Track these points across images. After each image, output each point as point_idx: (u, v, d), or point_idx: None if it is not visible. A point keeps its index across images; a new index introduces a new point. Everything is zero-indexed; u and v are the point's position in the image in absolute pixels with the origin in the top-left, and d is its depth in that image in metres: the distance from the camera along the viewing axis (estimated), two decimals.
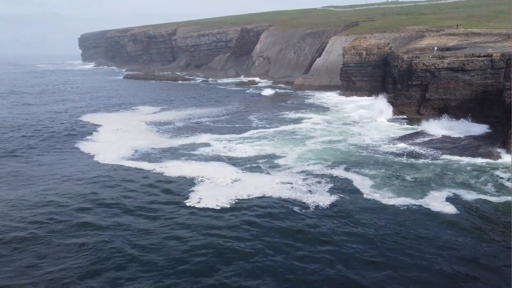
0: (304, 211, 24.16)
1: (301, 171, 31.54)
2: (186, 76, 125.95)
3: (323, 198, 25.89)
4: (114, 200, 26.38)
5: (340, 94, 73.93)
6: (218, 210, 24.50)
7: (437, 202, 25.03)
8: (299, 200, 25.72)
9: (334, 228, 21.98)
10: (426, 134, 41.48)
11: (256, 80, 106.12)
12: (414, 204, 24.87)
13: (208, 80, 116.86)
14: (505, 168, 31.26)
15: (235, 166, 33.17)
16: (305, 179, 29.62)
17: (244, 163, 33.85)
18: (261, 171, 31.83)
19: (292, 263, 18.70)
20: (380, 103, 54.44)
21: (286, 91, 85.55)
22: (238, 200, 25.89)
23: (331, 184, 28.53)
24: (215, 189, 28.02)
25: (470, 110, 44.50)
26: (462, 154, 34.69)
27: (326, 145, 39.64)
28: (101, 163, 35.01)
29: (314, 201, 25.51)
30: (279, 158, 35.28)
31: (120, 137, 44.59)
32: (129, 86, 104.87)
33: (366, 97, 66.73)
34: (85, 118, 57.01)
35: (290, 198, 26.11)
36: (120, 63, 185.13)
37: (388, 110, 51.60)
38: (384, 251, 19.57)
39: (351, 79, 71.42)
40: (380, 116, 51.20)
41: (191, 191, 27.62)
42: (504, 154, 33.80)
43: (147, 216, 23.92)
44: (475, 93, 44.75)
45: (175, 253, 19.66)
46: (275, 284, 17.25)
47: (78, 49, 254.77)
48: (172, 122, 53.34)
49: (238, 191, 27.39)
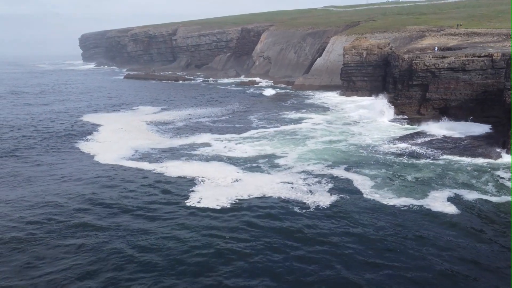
0: (304, 211, 24.11)
1: (301, 171, 31.49)
2: (186, 76, 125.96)
3: (323, 198, 25.85)
4: (113, 200, 26.34)
5: (340, 94, 73.88)
6: (218, 210, 24.46)
7: (437, 203, 24.98)
8: (299, 200, 25.67)
9: (334, 229, 21.93)
10: (427, 134, 41.42)
11: (257, 80, 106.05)
12: (415, 205, 24.82)
13: (209, 80, 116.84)
14: (505, 168, 31.20)
15: (235, 166, 33.14)
16: (305, 179, 29.57)
17: (244, 163, 33.81)
18: (261, 171, 31.79)
19: (291, 263, 18.65)
20: (380, 103, 54.42)
21: (287, 91, 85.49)
22: (238, 200, 25.85)
23: (331, 184, 28.49)
24: (215, 189, 27.98)
25: (471, 110, 44.46)
26: (462, 154, 34.64)
27: (327, 145, 39.60)
28: (101, 163, 34.99)
29: (314, 201, 25.46)
30: (280, 158, 35.25)
31: (120, 137, 44.57)
32: (129, 86, 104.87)
33: (366, 97, 66.65)
34: (85, 118, 57.01)
35: (290, 198, 26.07)
36: (120, 63, 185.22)
37: (388, 110, 51.56)
38: (384, 252, 19.52)
39: (351, 79, 71.36)
40: (380, 116, 51.18)
41: (191, 191, 27.58)
42: (505, 154, 33.77)
43: (147, 217, 23.88)
44: (476, 93, 44.67)
45: (175, 253, 19.62)
46: (274, 285, 17.21)
47: (79, 49, 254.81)
48: (173, 122, 53.32)
49: (238, 191, 27.36)
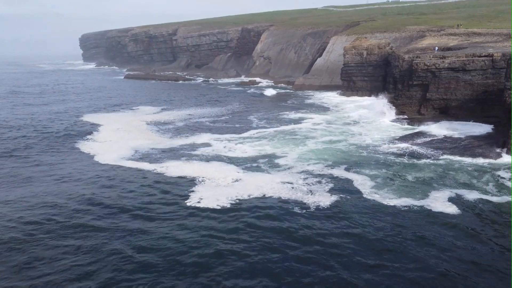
0: (304, 211, 24.07)
1: (301, 171, 31.45)
2: (186, 76, 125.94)
3: (323, 199, 25.80)
4: (113, 201, 26.30)
5: (340, 94, 73.83)
6: (218, 210, 24.42)
7: (438, 203, 24.93)
8: (299, 201, 25.63)
9: (333, 229, 21.89)
10: (427, 134, 41.37)
11: (257, 80, 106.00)
12: (415, 205, 24.77)
13: (209, 80, 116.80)
14: (506, 168, 31.15)
15: (235, 166, 33.10)
16: (305, 179, 29.53)
17: (244, 163, 33.77)
18: (261, 171, 31.75)
19: (290, 264, 18.60)
20: (380, 103, 54.37)
21: (287, 91, 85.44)
22: (238, 200, 25.81)
23: (331, 184, 28.44)
24: (215, 189, 27.95)
25: (471, 110, 44.40)
26: (463, 154, 34.59)
27: (327, 145, 39.55)
28: (101, 163, 34.94)
29: (314, 201, 25.42)
30: (280, 158, 35.21)
31: (120, 137, 44.54)
32: (129, 86, 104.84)
33: (366, 97, 66.61)
34: (85, 118, 56.97)
35: (290, 198, 26.02)
36: (121, 63, 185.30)
37: (388, 110, 51.50)
38: (384, 252, 19.47)
39: (351, 79, 71.31)
40: (380, 116, 51.13)
41: (191, 191, 27.55)
42: (505, 154, 33.71)
43: (147, 217, 23.84)
44: (476, 93, 44.62)
45: (174, 253, 19.58)
46: (274, 285, 17.16)
47: (79, 49, 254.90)
48: (173, 122, 53.29)
49: (238, 191, 27.32)
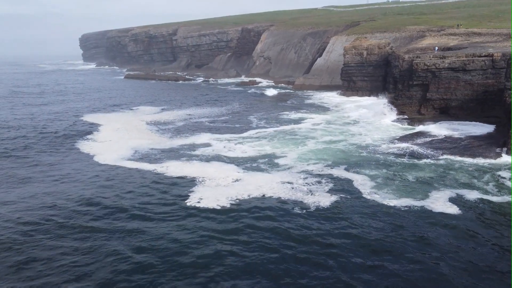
0: (304, 212, 24.05)
1: (301, 171, 31.44)
2: (186, 76, 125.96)
3: (323, 199, 25.78)
4: (113, 201, 26.27)
5: (340, 94, 73.78)
6: (217, 210, 24.40)
7: (438, 203, 24.90)
8: (299, 201, 25.61)
9: (333, 230, 21.86)
10: (427, 134, 41.35)
11: (257, 80, 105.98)
12: (415, 205, 24.73)
13: (209, 80, 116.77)
14: (506, 168, 31.12)
15: (235, 166, 33.08)
16: (305, 179, 29.52)
17: (244, 163, 33.76)
18: (261, 171, 31.73)
19: (290, 265, 18.57)
20: (380, 103, 54.38)
21: (287, 91, 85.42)
22: (238, 201, 25.80)
23: (331, 184, 28.42)
24: (216, 189, 27.93)
25: (471, 110, 44.39)
26: (463, 154, 34.57)
27: (327, 145, 39.53)
28: (100, 163, 34.94)
29: (314, 201, 25.40)
30: (280, 158, 35.19)
31: (120, 137, 44.54)
32: (129, 86, 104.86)
33: (366, 97, 66.60)
34: (85, 118, 56.98)
35: (290, 199, 26.01)
36: (121, 63, 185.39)
37: (389, 110, 51.49)
38: (384, 253, 19.41)
39: (352, 79, 71.28)
40: (380, 116, 51.10)
41: (191, 192, 27.53)
42: (505, 154, 33.68)
43: (147, 217, 23.81)
44: (476, 93, 44.60)
45: (174, 254, 19.55)
46: (272, 286, 17.14)
47: (79, 49, 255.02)
48: (173, 122, 53.28)
49: (238, 191, 27.30)
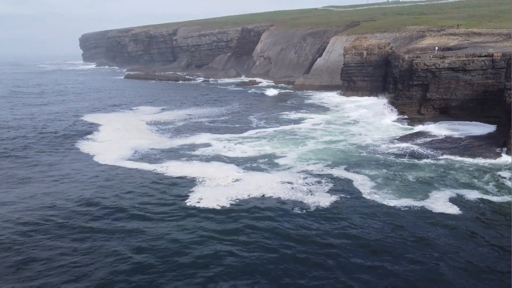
0: (304, 212, 24.04)
1: (301, 171, 31.43)
2: (186, 76, 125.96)
3: (323, 199, 25.77)
4: (112, 201, 26.25)
5: (340, 94, 73.78)
6: (217, 211, 24.39)
7: (439, 203, 24.88)
8: (299, 201, 25.60)
9: (333, 230, 21.84)
10: (427, 134, 41.35)
11: (257, 80, 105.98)
12: (415, 205, 24.71)
13: (209, 80, 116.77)
14: (506, 168, 31.11)
15: (235, 166, 33.07)
16: (305, 179, 29.50)
17: (244, 163, 33.75)
18: (261, 171, 31.72)
19: (289, 265, 18.55)
20: (381, 103, 54.37)
21: (287, 91, 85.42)
22: (238, 201, 25.78)
23: (331, 185, 28.41)
24: (216, 189, 27.91)
25: (471, 110, 44.38)
26: (463, 154, 34.56)
27: (327, 145, 39.52)
28: (100, 163, 34.92)
29: (314, 202, 25.38)
30: (279, 158, 35.18)
31: (120, 137, 44.52)
32: (129, 86, 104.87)
33: (366, 97, 66.63)
34: (85, 118, 56.97)
35: (290, 199, 25.99)
36: (121, 63, 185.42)
37: (389, 110, 51.49)
38: (384, 254, 19.39)
39: (352, 79, 71.27)
40: (380, 116, 51.09)
41: (191, 192, 27.52)
42: (505, 154, 33.67)
43: (146, 217, 23.79)
44: (476, 93, 44.59)
45: (173, 254, 19.53)
46: (272, 286, 17.12)
47: (79, 49, 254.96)
48: (173, 122, 53.28)
49: (238, 191, 27.29)
